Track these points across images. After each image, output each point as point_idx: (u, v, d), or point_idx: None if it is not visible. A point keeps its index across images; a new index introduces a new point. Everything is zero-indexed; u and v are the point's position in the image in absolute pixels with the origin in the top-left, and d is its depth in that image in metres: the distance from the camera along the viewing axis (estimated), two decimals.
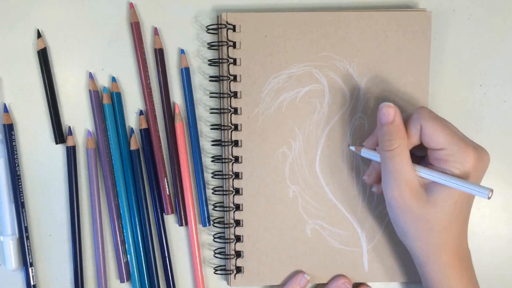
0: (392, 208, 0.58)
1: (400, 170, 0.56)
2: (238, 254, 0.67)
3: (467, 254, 0.60)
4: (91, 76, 0.67)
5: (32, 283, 0.68)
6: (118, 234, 0.67)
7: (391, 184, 0.57)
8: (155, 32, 0.66)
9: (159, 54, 0.66)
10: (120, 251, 0.67)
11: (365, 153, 0.62)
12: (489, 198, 0.53)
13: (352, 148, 0.64)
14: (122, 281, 0.68)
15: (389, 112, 0.57)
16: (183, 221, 0.68)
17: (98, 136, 0.66)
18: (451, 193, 0.55)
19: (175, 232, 0.69)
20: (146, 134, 0.67)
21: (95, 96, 0.66)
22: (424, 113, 0.57)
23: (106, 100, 0.66)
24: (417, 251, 0.59)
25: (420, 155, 0.61)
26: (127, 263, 0.68)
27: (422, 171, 0.57)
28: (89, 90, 0.66)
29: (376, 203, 0.66)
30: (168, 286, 0.68)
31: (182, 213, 0.68)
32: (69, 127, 0.67)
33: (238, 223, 0.67)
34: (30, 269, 0.67)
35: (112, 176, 0.67)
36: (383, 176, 0.58)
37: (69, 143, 0.66)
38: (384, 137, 0.57)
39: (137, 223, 0.67)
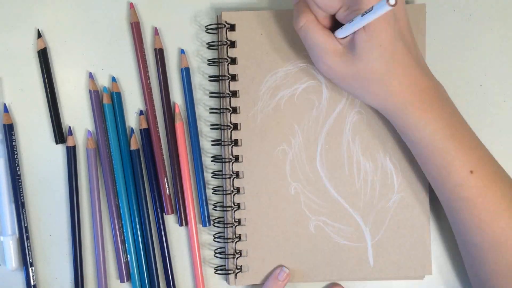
0: (334, 81, 0.59)
1: (317, 41, 0.56)
2: (239, 254, 0.67)
3: (429, 89, 0.58)
4: (91, 76, 0.67)
5: (32, 283, 0.67)
6: (118, 234, 0.67)
7: (316, 57, 0.58)
8: (155, 32, 0.67)
9: (159, 54, 0.66)
10: (120, 251, 0.67)
11: None
12: (392, 5, 0.45)
13: None
14: (122, 281, 0.68)
15: None
16: (183, 221, 0.68)
17: (98, 136, 0.66)
18: (368, 38, 0.53)
19: (175, 232, 0.69)
20: (146, 134, 0.67)
21: (95, 96, 0.66)
22: None
23: (106, 100, 0.66)
24: (373, 104, 0.59)
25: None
26: (127, 263, 0.68)
27: (338, 32, 0.56)
28: (89, 90, 0.66)
29: (379, 197, 0.66)
30: (168, 286, 0.68)
31: (182, 213, 0.68)
32: (69, 127, 0.67)
33: (239, 222, 0.66)
34: (30, 269, 0.67)
35: (112, 176, 0.67)
36: (309, 53, 0.59)
37: (69, 143, 0.67)
38: (294, 16, 0.58)
39: (137, 223, 0.67)
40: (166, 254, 0.68)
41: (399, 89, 0.56)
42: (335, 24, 0.58)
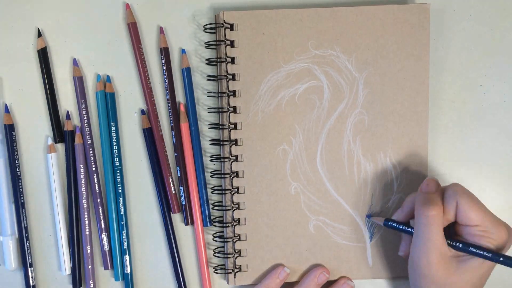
0: (415, 272, 0.60)
1: (433, 238, 0.57)
2: (239, 253, 0.67)
3: None
4: (75, 63, 0.67)
5: (31, 284, 0.67)
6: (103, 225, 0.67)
7: (421, 250, 0.58)
8: (161, 30, 0.66)
9: (165, 53, 0.66)
10: (104, 243, 0.67)
11: (387, 224, 0.64)
12: None
13: (372, 219, 0.66)
14: (106, 268, 0.68)
15: (432, 184, 0.61)
16: (189, 220, 0.68)
17: (83, 123, 0.67)
18: (481, 265, 0.57)
19: (177, 231, 0.69)
20: (149, 133, 0.67)
21: (79, 82, 0.67)
22: (459, 190, 0.58)
23: (99, 87, 0.67)
24: None
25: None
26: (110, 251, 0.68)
27: (457, 245, 0.58)
28: (73, 77, 0.67)
29: (379, 197, 0.66)
30: (179, 285, 0.69)
31: (188, 212, 0.68)
32: (70, 129, 0.67)
33: (239, 221, 0.66)
34: (29, 269, 0.67)
35: (98, 170, 0.67)
36: (413, 241, 0.59)
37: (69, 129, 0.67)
38: (424, 202, 0.59)
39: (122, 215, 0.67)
40: (175, 253, 0.68)
41: None
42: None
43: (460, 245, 0.58)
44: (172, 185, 0.68)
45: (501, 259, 0.56)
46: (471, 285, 0.58)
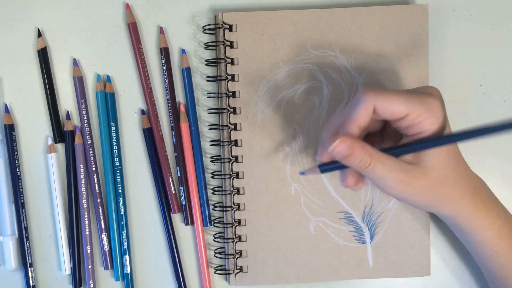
0: (408, 199, 0.56)
1: (386, 175, 0.53)
2: (239, 254, 0.67)
3: (482, 188, 0.59)
4: (75, 63, 0.67)
5: (31, 284, 0.67)
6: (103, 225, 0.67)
7: (387, 189, 0.55)
8: (161, 30, 0.66)
9: (165, 53, 0.66)
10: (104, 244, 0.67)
11: (324, 168, 0.57)
12: None
13: (304, 173, 0.61)
14: (106, 268, 0.68)
15: (343, 149, 0.53)
16: (189, 220, 0.68)
17: (83, 122, 0.67)
18: (438, 155, 0.54)
19: (177, 231, 0.69)
20: (149, 133, 0.67)
21: (79, 82, 0.67)
22: (367, 92, 0.52)
23: (99, 88, 0.66)
24: (453, 215, 0.58)
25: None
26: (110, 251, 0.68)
27: (398, 150, 0.54)
28: (74, 77, 0.67)
29: (379, 198, 0.66)
30: (179, 285, 0.69)
31: (188, 212, 0.68)
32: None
33: (239, 222, 0.67)
34: (29, 270, 0.67)
35: (98, 168, 0.67)
36: (376, 184, 0.55)
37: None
38: (354, 162, 0.53)
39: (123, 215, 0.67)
40: (175, 253, 0.68)
41: (468, 190, 0.57)
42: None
43: (401, 149, 0.54)
44: (172, 185, 0.68)
45: (445, 139, 0.52)
46: (452, 166, 0.55)
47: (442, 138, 0.52)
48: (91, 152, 0.67)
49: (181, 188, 0.67)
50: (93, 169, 0.67)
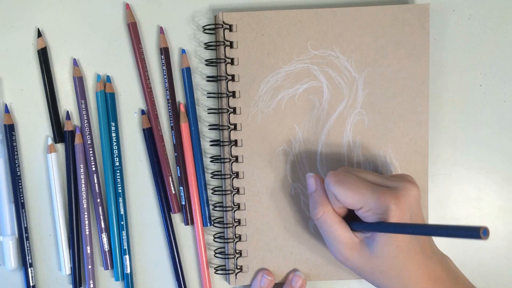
0: (352, 270, 0.59)
1: (333, 234, 0.57)
2: (240, 254, 0.67)
3: (443, 270, 0.58)
4: (75, 63, 0.67)
5: (31, 284, 0.67)
6: (103, 225, 0.67)
7: (332, 249, 0.58)
8: (161, 30, 0.66)
9: (165, 53, 0.66)
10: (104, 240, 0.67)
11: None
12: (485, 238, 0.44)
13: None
14: (106, 268, 0.68)
15: (311, 182, 0.60)
16: (189, 220, 0.68)
17: (83, 122, 0.67)
18: (388, 241, 0.55)
19: (177, 231, 0.69)
20: (149, 133, 0.67)
21: (79, 82, 0.67)
22: (329, 181, 0.57)
23: (99, 88, 0.66)
24: None
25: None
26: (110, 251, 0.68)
27: (354, 226, 0.57)
28: (74, 77, 0.67)
29: None
30: (179, 285, 0.69)
31: (188, 212, 0.68)
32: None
33: (239, 222, 0.67)
34: (29, 270, 0.67)
35: (98, 169, 0.67)
36: (325, 241, 0.60)
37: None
38: (311, 206, 0.59)
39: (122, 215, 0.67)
40: (175, 253, 0.68)
41: (415, 281, 0.56)
42: (348, 212, 0.59)
43: (360, 226, 0.57)
44: (172, 185, 0.68)
45: (391, 227, 0.53)
46: (399, 260, 0.55)
47: (378, 225, 0.55)
48: (91, 152, 0.67)
49: (181, 188, 0.67)
50: (93, 169, 0.67)
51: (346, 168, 0.60)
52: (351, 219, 0.58)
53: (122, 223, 0.67)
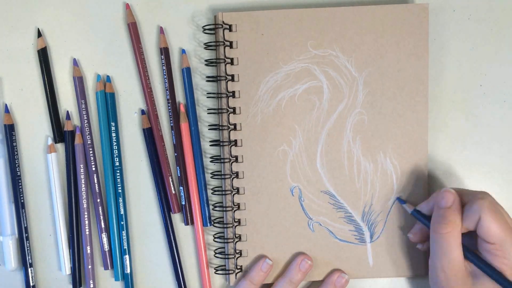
0: (435, 285, 0.59)
1: (448, 254, 0.57)
2: (240, 254, 0.67)
3: None
4: (75, 63, 0.67)
5: (31, 284, 0.67)
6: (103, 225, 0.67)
7: (438, 265, 0.58)
8: (161, 30, 0.66)
9: (165, 53, 0.66)
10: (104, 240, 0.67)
11: (415, 214, 0.63)
12: None
13: (405, 205, 0.65)
14: (106, 268, 0.68)
15: (449, 198, 0.59)
16: (189, 220, 0.68)
17: (83, 122, 0.67)
18: (496, 285, 0.56)
19: (177, 231, 0.69)
20: (149, 133, 0.67)
21: (79, 82, 0.67)
22: (484, 206, 0.56)
23: (99, 88, 0.66)
24: None
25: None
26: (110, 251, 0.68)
27: (473, 259, 0.58)
28: (74, 77, 0.67)
29: (379, 197, 0.66)
30: (179, 285, 0.69)
31: (188, 212, 0.68)
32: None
33: (239, 222, 0.66)
34: (29, 270, 0.67)
35: (98, 168, 0.67)
36: (431, 255, 0.60)
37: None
38: (438, 219, 0.58)
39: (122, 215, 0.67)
40: (175, 253, 0.68)
41: None
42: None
43: (475, 260, 0.57)
44: (172, 185, 0.68)
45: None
46: None
47: (506, 282, 0.56)
48: (91, 152, 0.67)
49: (181, 188, 0.67)
50: (93, 169, 0.67)
51: (495, 201, 0.59)
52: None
53: (122, 223, 0.67)
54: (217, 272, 0.68)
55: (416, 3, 0.66)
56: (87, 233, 0.67)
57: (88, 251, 0.67)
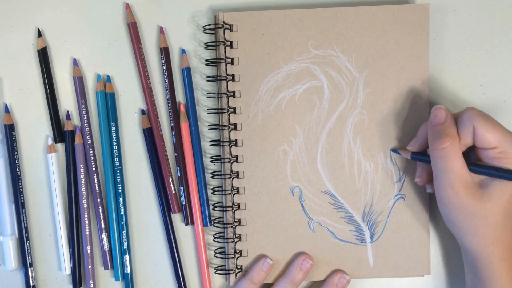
0: (444, 206, 0.59)
1: (452, 169, 0.57)
2: (240, 254, 0.67)
3: None
4: (75, 63, 0.67)
5: (31, 284, 0.67)
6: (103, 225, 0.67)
7: (444, 183, 0.58)
8: (161, 30, 0.66)
9: (165, 53, 0.66)
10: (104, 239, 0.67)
11: (414, 156, 0.63)
12: None
13: (398, 152, 0.65)
14: (106, 268, 0.68)
15: (441, 113, 0.59)
16: (189, 220, 0.68)
17: (83, 122, 0.67)
18: (506, 188, 0.56)
19: (177, 231, 0.69)
20: (149, 133, 0.67)
21: (79, 82, 0.67)
22: (474, 114, 0.57)
23: (99, 87, 0.66)
24: (470, 245, 0.59)
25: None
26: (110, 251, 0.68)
27: (477, 168, 0.58)
28: (74, 77, 0.67)
29: (379, 198, 0.66)
30: (179, 285, 0.69)
31: (188, 212, 0.68)
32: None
33: (239, 222, 0.66)
34: (29, 270, 0.67)
35: (98, 168, 0.67)
36: (435, 175, 0.59)
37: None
38: (435, 136, 0.58)
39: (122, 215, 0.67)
40: (175, 253, 0.68)
41: (508, 236, 0.58)
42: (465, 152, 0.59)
43: (478, 169, 0.57)
44: (172, 185, 0.68)
45: None
46: (504, 211, 0.57)
47: (502, 170, 0.56)
48: (91, 152, 0.67)
49: (181, 188, 0.67)
50: (93, 169, 0.67)
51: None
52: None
53: (122, 223, 0.67)
54: (217, 272, 0.68)
55: (416, 3, 0.66)
56: (87, 233, 0.67)
57: (88, 251, 0.67)
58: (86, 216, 0.67)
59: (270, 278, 0.67)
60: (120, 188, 0.67)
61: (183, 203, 0.68)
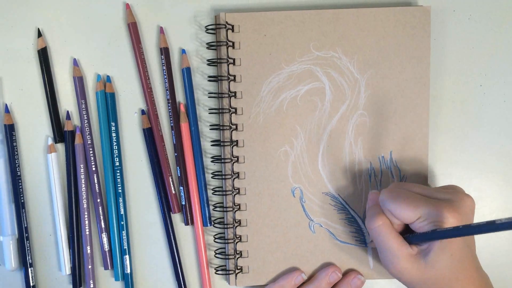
0: (403, 283, 0.60)
1: (389, 246, 0.58)
2: (240, 254, 0.67)
3: (484, 283, 0.60)
4: (75, 63, 0.67)
5: (31, 284, 0.67)
6: (103, 225, 0.67)
7: (387, 260, 0.59)
8: (161, 30, 0.66)
9: (165, 53, 0.66)
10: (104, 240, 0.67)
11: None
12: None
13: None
14: (106, 268, 0.68)
15: (373, 197, 0.62)
16: (189, 220, 0.68)
17: (83, 122, 0.67)
18: (444, 249, 0.56)
19: (177, 231, 0.69)
20: (149, 133, 0.67)
21: (80, 82, 0.67)
22: (385, 199, 0.59)
23: (98, 87, 0.66)
24: None
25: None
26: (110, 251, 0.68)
27: (412, 238, 0.58)
28: (74, 77, 0.66)
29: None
30: (179, 285, 0.69)
31: (188, 212, 0.68)
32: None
33: (240, 223, 0.67)
34: (29, 269, 0.67)
35: (98, 169, 0.67)
36: (379, 254, 0.61)
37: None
38: (369, 216, 0.60)
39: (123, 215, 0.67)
40: (175, 253, 0.68)
41: None
42: (406, 227, 0.60)
43: (415, 238, 0.58)
44: (172, 185, 0.68)
45: (445, 233, 0.54)
46: (452, 269, 0.56)
47: (434, 233, 0.55)
48: (91, 152, 0.67)
49: (181, 188, 0.67)
50: (93, 169, 0.67)
51: (397, 184, 0.62)
52: (407, 234, 0.59)
53: (122, 223, 0.67)
54: (217, 272, 0.68)
55: (418, 5, 0.66)
56: (87, 233, 0.67)
57: (88, 251, 0.67)
58: (86, 216, 0.67)
59: (262, 280, 0.68)
60: (120, 188, 0.67)
61: (183, 203, 0.68)
